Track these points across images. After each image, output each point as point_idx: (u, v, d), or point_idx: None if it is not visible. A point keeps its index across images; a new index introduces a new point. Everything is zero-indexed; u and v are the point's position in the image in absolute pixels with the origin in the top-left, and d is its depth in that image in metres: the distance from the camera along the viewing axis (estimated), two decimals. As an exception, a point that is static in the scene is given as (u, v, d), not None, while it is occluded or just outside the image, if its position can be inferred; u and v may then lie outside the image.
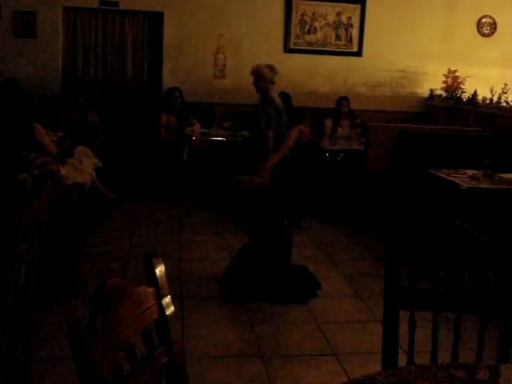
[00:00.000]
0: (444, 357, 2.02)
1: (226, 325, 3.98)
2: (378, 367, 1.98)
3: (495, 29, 8.58)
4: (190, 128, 7.41)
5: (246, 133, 7.48)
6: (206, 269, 4.98)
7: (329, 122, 7.82)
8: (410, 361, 1.97)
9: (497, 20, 8.54)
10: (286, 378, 3.33)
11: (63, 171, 5.13)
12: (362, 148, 6.80)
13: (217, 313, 4.15)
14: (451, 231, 2.01)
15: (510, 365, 1.85)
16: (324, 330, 3.94)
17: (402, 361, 1.98)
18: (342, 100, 7.83)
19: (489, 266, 1.97)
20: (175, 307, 4.07)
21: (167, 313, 1.51)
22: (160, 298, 1.49)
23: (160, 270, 1.50)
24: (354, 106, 7.91)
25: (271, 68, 4.81)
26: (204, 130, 7.54)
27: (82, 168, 5.91)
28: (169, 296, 1.52)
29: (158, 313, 1.49)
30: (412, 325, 1.98)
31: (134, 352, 1.39)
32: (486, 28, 8.61)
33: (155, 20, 7.96)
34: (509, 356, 1.94)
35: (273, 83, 4.79)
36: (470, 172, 5.36)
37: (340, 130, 7.80)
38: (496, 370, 1.71)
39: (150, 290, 1.47)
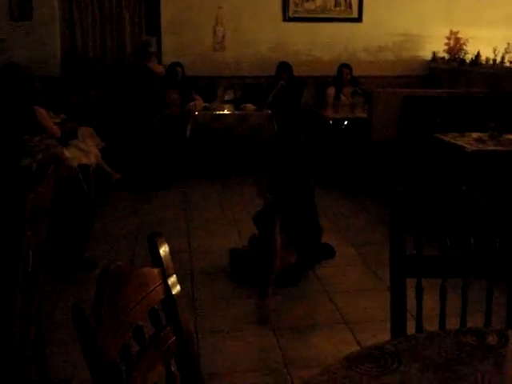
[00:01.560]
0: (453, 322, 2.03)
1: (237, 298, 4.00)
2: (388, 335, 1.99)
3: (497, -12, 8.44)
4: (192, 103, 7.37)
5: (249, 105, 7.44)
6: (214, 244, 4.99)
7: (331, 91, 7.76)
8: (419, 328, 1.98)
9: (499, -22, 8.40)
10: (298, 349, 3.35)
11: (67, 153, 5.14)
12: (366, 115, 6.74)
13: (227, 287, 4.18)
14: (456, 197, 2.00)
15: (518, 328, 1.86)
16: (335, 300, 3.96)
17: (412, 328, 1.99)
18: (344, 68, 7.75)
19: (495, 231, 1.96)
20: (185, 283, 4.12)
21: (173, 292, 1.52)
22: (165, 277, 1.49)
23: (164, 249, 1.50)
24: (356, 72, 7.84)
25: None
26: (206, 105, 7.50)
27: (86, 149, 5.93)
28: (174, 275, 1.52)
29: (164, 293, 1.49)
30: (419, 292, 1.98)
31: (142, 333, 1.39)
32: (488, -13, 8.46)
33: (151, -5, 7.88)
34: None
35: None
36: (475, 135, 5.32)
37: (343, 98, 7.74)
38: (505, 335, 1.71)
39: (155, 270, 1.47)
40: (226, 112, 7.35)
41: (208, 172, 7.28)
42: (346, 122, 7.05)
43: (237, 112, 7.34)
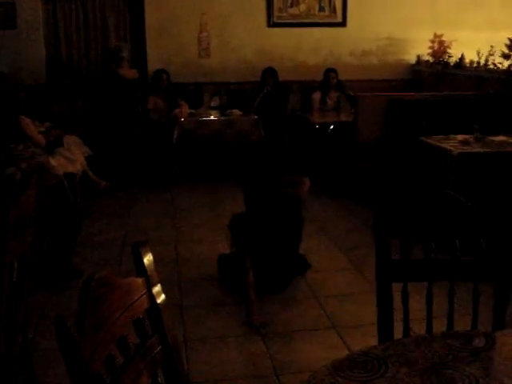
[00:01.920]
0: (440, 325, 2.03)
1: (225, 306, 3.98)
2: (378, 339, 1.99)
3: (480, -10, 8.50)
4: (178, 109, 7.36)
5: (235, 111, 7.44)
6: (202, 251, 4.98)
7: (317, 95, 7.78)
8: (406, 332, 1.98)
9: (482, -19, 8.46)
10: (287, 355, 3.34)
11: (53, 162, 5.11)
12: (351, 119, 6.75)
13: (215, 294, 4.16)
14: (441, 200, 2.00)
15: (505, 331, 1.86)
16: (323, 304, 3.95)
17: (400, 333, 1.99)
18: (330, 72, 7.77)
19: (480, 233, 1.97)
20: (173, 291, 4.10)
21: (158, 301, 1.51)
22: (150, 287, 1.48)
23: (148, 258, 1.49)
24: (342, 76, 7.86)
25: None
26: (192, 111, 7.49)
27: (72, 157, 5.91)
28: (159, 284, 1.51)
29: (148, 302, 1.48)
30: (405, 296, 1.98)
31: (127, 343, 1.38)
32: (471, -10, 8.52)
33: (136, 3, 7.86)
34: (504, 322, 1.95)
35: None
36: (460, 137, 5.34)
37: (329, 102, 7.76)
38: (491, 337, 1.71)
39: (140, 279, 1.46)
40: (212, 118, 7.34)
41: (195, 178, 7.26)
42: (332, 127, 7.07)
43: (223, 118, 7.34)
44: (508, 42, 6.36)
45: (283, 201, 4.21)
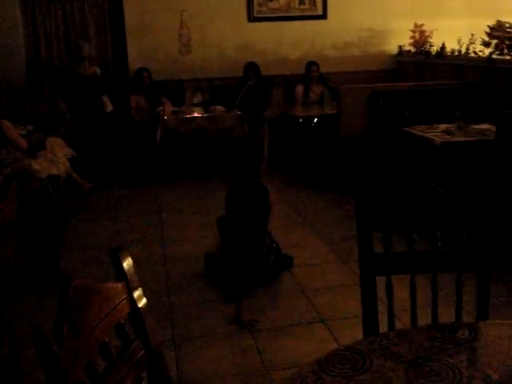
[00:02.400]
0: (426, 316, 2.04)
1: (213, 303, 3.98)
2: (365, 331, 2.00)
3: (458, -22, 8.52)
4: (160, 107, 7.33)
5: (218, 107, 7.42)
6: (189, 249, 4.96)
7: (299, 89, 7.78)
8: (391, 325, 1.98)
9: (459, -31, 8.48)
10: (276, 350, 3.34)
11: (36, 165, 5.07)
12: (335, 112, 6.76)
13: (202, 292, 4.15)
14: (421, 192, 2.00)
15: (488, 321, 1.87)
16: (311, 298, 3.96)
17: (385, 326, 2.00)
18: (312, 65, 7.77)
19: (461, 224, 1.98)
20: (161, 290, 4.09)
21: (139, 305, 1.50)
22: (130, 291, 1.47)
23: (127, 263, 1.48)
24: (324, 69, 7.87)
25: None
26: (175, 109, 7.46)
27: (55, 160, 5.87)
28: (140, 288, 1.50)
29: (130, 306, 1.47)
30: (389, 289, 1.98)
31: (109, 349, 1.37)
32: (450, -22, 8.54)
33: (115, 2, 7.81)
34: (487, 313, 1.96)
35: None
36: (443, 126, 5.36)
37: (312, 96, 7.76)
38: (475, 328, 1.72)
39: (120, 284, 1.45)
40: (195, 115, 7.31)
41: (180, 176, 7.24)
42: (315, 120, 7.07)
43: (206, 114, 7.31)
44: (488, 30, 6.38)
45: (263, 192, 4.20)
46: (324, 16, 8.25)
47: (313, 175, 6.85)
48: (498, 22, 6.34)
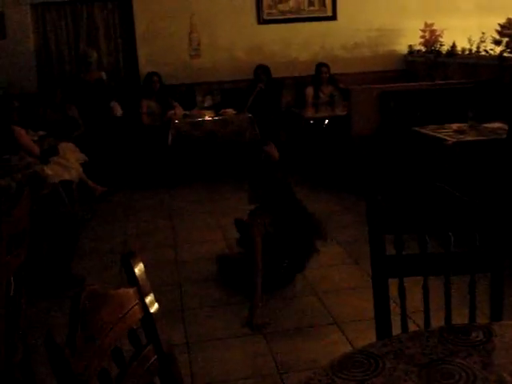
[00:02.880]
0: (440, 318, 2.03)
1: (226, 306, 3.98)
2: (378, 333, 1.99)
3: (468, -23, 8.49)
4: (171, 111, 7.36)
5: (229, 110, 7.43)
6: (201, 251, 4.97)
7: (310, 90, 7.77)
8: (404, 328, 1.97)
9: (470, -32, 8.45)
10: (290, 353, 3.34)
11: (48, 170, 5.10)
12: (345, 113, 6.74)
13: (215, 295, 4.16)
14: (434, 194, 2.00)
15: (502, 322, 1.86)
16: (324, 300, 3.95)
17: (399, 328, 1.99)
18: (322, 67, 7.77)
19: (474, 225, 1.96)
20: (174, 293, 4.10)
21: (151, 310, 1.50)
22: (142, 296, 1.48)
23: (139, 268, 1.48)
24: (334, 70, 7.86)
25: None
26: (186, 112, 7.48)
27: (67, 165, 5.90)
28: (151, 294, 1.50)
29: (142, 312, 1.48)
30: (402, 292, 1.98)
31: (122, 355, 1.38)
32: (460, -23, 8.51)
33: (124, 6, 7.85)
34: (501, 314, 1.94)
35: None
36: (455, 126, 5.34)
37: (322, 97, 7.75)
38: (489, 329, 1.71)
39: (131, 290, 1.46)
40: (206, 118, 7.32)
41: (192, 179, 7.26)
42: (326, 121, 7.07)
43: (217, 117, 7.32)
44: (498, 28, 6.35)
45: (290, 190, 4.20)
46: (334, 17, 8.25)
47: (324, 176, 6.84)
48: (509, 19, 6.30)
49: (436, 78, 7.56)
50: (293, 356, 3.31)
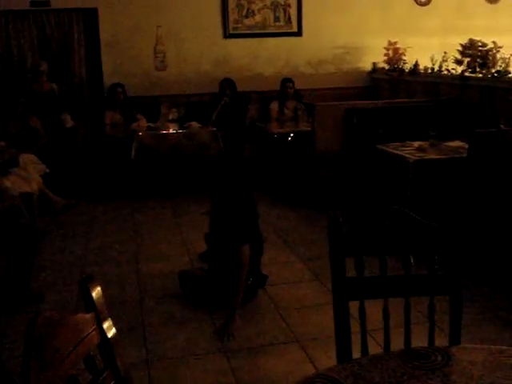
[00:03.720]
0: (399, 337, 2.04)
1: (188, 324, 3.94)
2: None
3: (432, -3, 8.67)
4: (135, 123, 7.31)
5: (194, 123, 7.40)
6: (164, 268, 4.92)
7: (274, 105, 7.81)
8: (364, 350, 1.98)
9: (432, -12, 8.63)
10: (251, 372, 3.32)
11: (7, 183, 5.01)
12: (309, 128, 6.78)
13: (177, 313, 4.11)
14: (393, 217, 2.01)
15: (461, 346, 1.88)
16: (286, 317, 3.95)
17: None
18: (287, 82, 7.81)
19: (433, 248, 1.98)
20: (135, 309, 4.05)
21: (109, 336, 1.48)
22: (100, 322, 1.45)
23: (97, 293, 1.46)
24: (299, 85, 7.91)
25: None
26: (150, 124, 7.43)
27: (28, 177, 5.80)
28: (109, 319, 1.48)
29: (99, 337, 1.45)
30: (362, 314, 1.98)
31: (77, 381, 1.35)
32: (423, -3, 8.69)
33: (90, 17, 7.78)
34: (459, 336, 1.96)
35: None
36: (416, 144, 5.41)
37: (287, 112, 7.79)
38: (448, 353, 1.72)
39: (88, 315, 1.43)
40: (170, 131, 7.28)
41: (156, 193, 7.21)
42: (291, 135, 7.09)
43: (181, 131, 7.28)
44: (460, 48, 6.48)
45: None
46: (299, 33, 8.32)
47: (288, 191, 6.86)
48: (470, 40, 6.44)
49: (399, 95, 7.68)
50: (254, 374, 3.30)
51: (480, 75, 6.19)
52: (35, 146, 6.72)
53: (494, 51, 6.12)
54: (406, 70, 7.76)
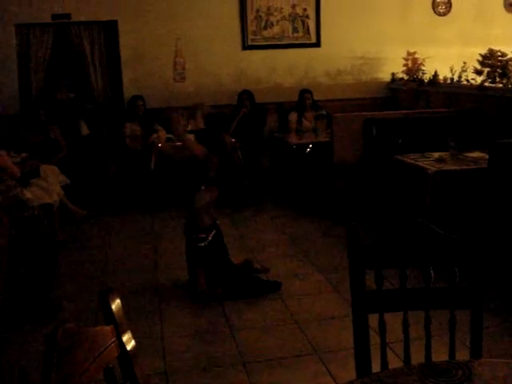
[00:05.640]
0: (420, 351, 2.02)
1: (206, 334, 3.94)
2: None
3: (450, 7, 8.64)
4: (155, 135, 7.35)
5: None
6: (183, 277, 4.92)
7: (293, 116, 7.81)
8: (384, 365, 1.96)
9: (451, -2, 8.61)
10: (269, 384, 3.31)
11: (28, 194, 5.05)
12: (328, 139, 6.77)
13: (196, 322, 4.12)
14: (414, 229, 2.00)
15: (482, 360, 1.85)
16: (304, 329, 3.92)
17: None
18: (305, 93, 7.82)
19: (454, 260, 1.96)
20: (154, 319, 4.06)
21: (128, 348, 1.48)
22: (119, 334, 1.46)
23: (116, 305, 1.46)
24: (318, 96, 7.92)
25: None
26: (170, 136, 7.47)
27: (48, 187, 5.85)
28: (128, 331, 1.48)
29: (118, 350, 1.45)
30: (382, 327, 1.97)
31: (98, 394, 1.35)
32: (442, 7, 8.66)
33: (110, 29, 7.86)
34: (481, 350, 1.94)
35: None
36: (436, 154, 5.38)
37: (305, 123, 7.79)
38: (468, 367, 1.70)
39: (108, 328, 1.43)
40: (189, 142, 7.29)
41: (175, 204, 7.22)
42: (310, 146, 7.09)
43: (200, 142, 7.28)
44: (480, 58, 6.44)
45: None
46: (317, 44, 8.32)
47: (307, 203, 6.85)
48: (490, 50, 6.39)
49: (418, 106, 7.64)
50: (273, 387, 3.28)
51: (500, 85, 6.14)
52: (56, 157, 6.79)
53: (514, 61, 6.08)
54: (426, 81, 7.72)
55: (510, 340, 3.63)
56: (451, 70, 7.12)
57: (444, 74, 7.35)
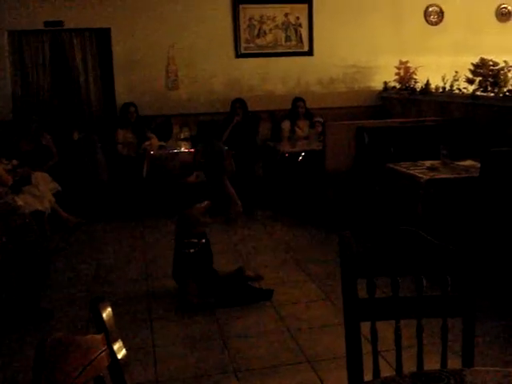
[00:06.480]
0: (412, 359, 2.02)
1: (198, 342, 3.92)
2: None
3: (442, 17, 8.70)
4: (147, 142, 7.35)
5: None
6: (175, 285, 4.90)
7: (286, 124, 7.83)
8: (376, 373, 1.96)
9: (443, 8, 8.66)
10: (261, 392, 3.29)
11: (19, 201, 5.02)
12: (321, 147, 6.78)
13: (187, 330, 4.10)
14: (406, 237, 2.00)
15: (473, 369, 1.85)
16: (296, 337, 3.91)
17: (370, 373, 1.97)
18: (298, 101, 7.84)
19: (446, 269, 1.97)
20: (145, 330, 4.04)
21: (119, 357, 1.47)
22: (110, 343, 1.45)
23: (107, 314, 1.45)
24: (310, 104, 7.95)
25: None
26: (162, 143, 7.47)
27: (40, 195, 5.83)
28: (119, 340, 1.47)
29: (109, 359, 1.44)
30: (374, 336, 1.96)
31: (87, 403, 1.34)
32: (434, 16, 8.72)
33: (103, 37, 7.86)
34: (473, 358, 1.94)
35: None
36: (428, 163, 5.40)
37: (298, 131, 7.81)
38: (460, 376, 1.70)
39: (99, 336, 1.42)
40: (182, 150, 7.31)
41: (167, 211, 7.20)
42: (303, 154, 7.10)
43: (193, 150, 7.30)
44: (472, 67, 6.47)
45: None
46: (310, 52, 8.36)
47: (299, 211, 6.86)
48: (482, 59, 6.42)
49: (410, 114, 7.67)
50: (265, 395, 3.27)
51: (492, 94, 6.17)
52: (47, 165, 6.77)
53: (506, 70, 6.11)
54: (418, 89, 7.76)
55: (502, 349, 3.63)
56: (443, 78, 7.15)
57: (436, 82, 7.38)
